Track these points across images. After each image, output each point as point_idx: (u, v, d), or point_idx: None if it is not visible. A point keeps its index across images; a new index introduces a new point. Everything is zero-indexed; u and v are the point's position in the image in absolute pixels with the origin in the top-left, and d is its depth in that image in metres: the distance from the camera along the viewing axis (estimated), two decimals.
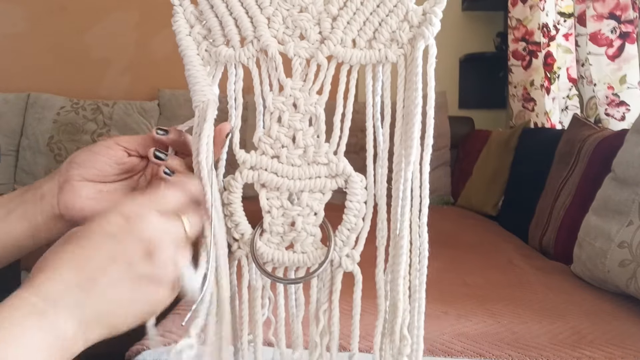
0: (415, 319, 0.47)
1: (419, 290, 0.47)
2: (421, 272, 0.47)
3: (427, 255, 0.47)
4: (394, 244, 0.48)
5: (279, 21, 0.48)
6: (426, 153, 0.46)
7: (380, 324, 0.48)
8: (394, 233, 0.48)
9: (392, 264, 0.48)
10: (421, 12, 0.47)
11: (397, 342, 0.47)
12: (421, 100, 0.45)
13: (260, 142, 0.49)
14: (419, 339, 0.47)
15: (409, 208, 0.47)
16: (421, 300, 0.47)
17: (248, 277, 0.50)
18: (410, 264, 0.47)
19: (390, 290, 0.48)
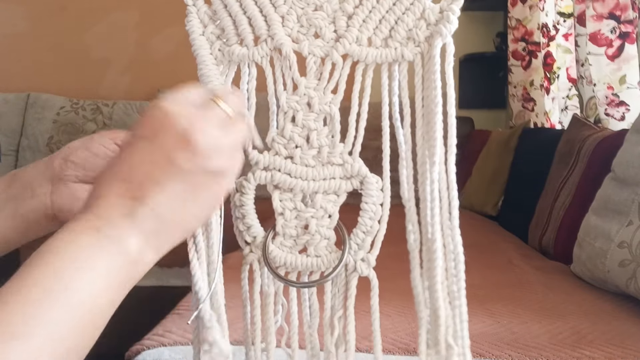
0: (458, 327, 0.45)
1: (458, 297, 0.45)
2: (458, 277, 0.45)
3: (463, 259, 0.45)
4: (427, 248, 0.46)
5: (293, 20, 0.47)
6: (450, 153, 0.44)
7: (424, 332, 0.46)
8: (425, 237, 0.46)
9: (427, 269, 0.46)
10: (438, 10, 0.46)
11: (443, 352, 0.45)
12: (441, 99, 0.44)
13: (274, 142, 0.48)
14: (465, 348, 0.45)
15: (439, 210, 0.45)
16: (462, 306, 0.45)
17: (260, 282, 0.49)
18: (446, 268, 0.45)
19: (430, 297, 0.46)
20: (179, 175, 0.37)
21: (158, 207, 0.37)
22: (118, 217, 0.36)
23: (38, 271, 0.33)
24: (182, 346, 0.77)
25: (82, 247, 0.34)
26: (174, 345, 0.77)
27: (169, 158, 0.37)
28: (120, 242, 0.36)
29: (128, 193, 0.37)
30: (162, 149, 0.37)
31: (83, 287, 0.33)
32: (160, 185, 0.37)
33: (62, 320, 0.32)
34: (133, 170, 0.37)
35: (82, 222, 0.36)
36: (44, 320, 0.31)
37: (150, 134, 0.37)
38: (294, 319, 0.49)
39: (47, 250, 0.34)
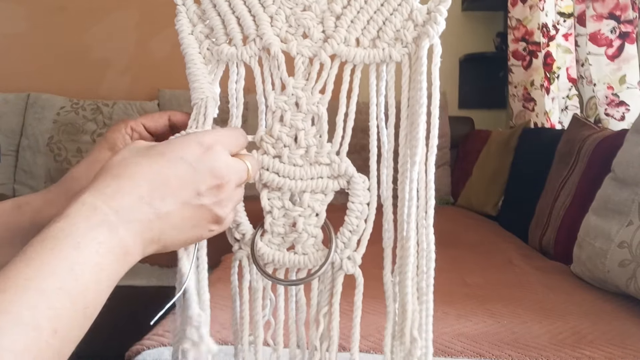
0: (424, 321, 0.47)
1: (426, 293, 0.47)
2: (428, 274, 0.46)
3: (434, 257, 0.46)
4: (401, 245, 0.47)
5: (281, 19, 0.48)
6: (431, 153, 0.45)
7: (390, 325, 0.48)
8: (400, 234, 0.47)
9: (399, 265, 0.47)
10: (426, 11, 0.46)
11: (408, 344, 0.47)
12: (426, 100, 0.45)
13: (262, 141, 0.49)
14: (428, 342, 0.47)
15: (415, 209, 0.46)
16: (429, 302, 0.47)
17: (249, 278, 0.50)
18: (417, 265, 0.47)
19: (399, 292, 0.47)
20: (194, 207, 0.41)
21: (165, 223, 0.40)
22: (133, 221, 0.38)
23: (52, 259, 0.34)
24: None
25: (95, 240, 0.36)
26: None
27: (198, 190, 0.41)
28: (127, 244, 0.38)
29: (149, 199, 0.39)
30: (197, 180, 0.41)
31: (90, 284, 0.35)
32: (178, 207, 0.40)
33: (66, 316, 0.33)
34: (164, 183, 0.40)
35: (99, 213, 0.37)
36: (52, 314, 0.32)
37: (194, 163, 0.41)
38: (280, 314, 0.50)
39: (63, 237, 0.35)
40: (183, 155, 0.41)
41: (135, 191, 0.39)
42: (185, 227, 0.41)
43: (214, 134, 0.43)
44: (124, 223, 0.37)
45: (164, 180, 0.40)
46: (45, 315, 0.32)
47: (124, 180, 0.39)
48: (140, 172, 0.39)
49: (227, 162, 0.43)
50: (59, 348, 0.33)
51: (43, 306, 0.32)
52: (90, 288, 0.35)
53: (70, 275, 0.34)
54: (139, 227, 0.38)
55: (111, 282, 0.37)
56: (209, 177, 0.41)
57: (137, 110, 2.71)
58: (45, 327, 0.32)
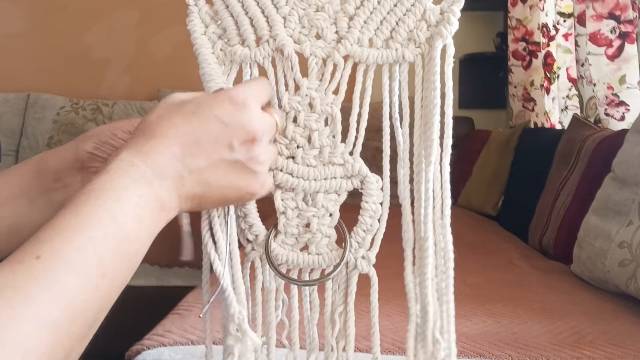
0: (445, 322, 0.46)
1: (446, 293, 0.46)
2: (447, 274, 0.46)
3: (453, 257, 0.46)
4: (419, 246, 0.47)
5: (295, 20, 0.48)
6: (445, 153, 0.45)
7: (413, 327, 0.47)
8: (418, 235, 0.47)
9: (419, 266, 0.47)
10: (439, 11, 0.46)
11: (430, 346, 0.46)
12: (440, 100, 0.45)
13: (276, 142, 0.49)
14: (451, 343, 0.46)
15: (432, 209, 0.46)
16: (449, 303, 0.46)
17: (262, 279, 0.50)
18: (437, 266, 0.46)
19: (419, 293, 0.47)
20: (229, 162, 0.42)
21: (199, 180, 0.41)
22: (167, 177, 0.40)
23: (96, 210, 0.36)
24: (182, 346, 0.77)
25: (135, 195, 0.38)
26: (174, 345, 0.77)
27: (231, 145, 0.42)
28: (163, 199, 0.40)
29: (183, 158, 0.41)
30: (229, 136, 0.42)
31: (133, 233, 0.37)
32: (212, 163, 0.42)
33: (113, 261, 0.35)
34: (197, 140, 0.41)
35: (136, 169, 0.39)
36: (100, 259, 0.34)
37: (226, 119, 0.42)
38: (295, 315, 0.50)
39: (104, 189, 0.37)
40: (216, 113, 0.42)
41: (168, 150, 0.40)
42: (220, 184, 0.42)
43: (245, 89, 0.44)
44: (159, 179, 0.39)
45: (196, 139, 0.41)
46: (92, 260, 0.34)
47: (158, 140, 0.40)
48: (174, 131, 0.41)
49: (260, 117, 0.43)
50: (108, 292, 0.35)
51: (91, 251, 0.34)
52: (131, 237, 0.37)
53: (114, 224, 0.36)
54: (173, 183, 0.40)
55: (150, 234, 0.39)
56: (242, 132, 0.42)
57: (137, 110, 2.71)
58: (94, 271, 0.34)
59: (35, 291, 0.30)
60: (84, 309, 0.33)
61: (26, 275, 0.31)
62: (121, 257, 0.36)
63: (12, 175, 0.52)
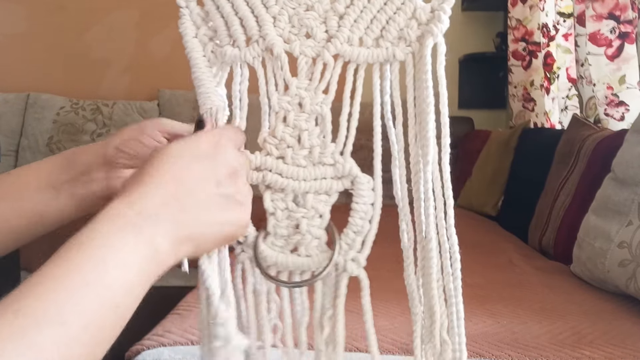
0: (455, 324, 0.46)
1: (455, 295, 0.46)
2: (455, 275, 0.45)
3: (459, 257, 0.45)
4: (422, 247, 0.46)
5: (284, 20, 0.47)
6: (444, 153, 0.45)
7: (418, 328, 0.47)
8: (420, 235, 0.46)
9: (421, 267, 0.46)
10: (429, 10, 0.45)
11: (439, 347, 0.46)
12: (433, 98, 0.44)
13: (265, 142, 0.48)
14: (462, 345, 0.46)
15: (433, 210, 0.45)
16: (458, 304, 0.46)
17: (253, 281, 0.49)
18: (442, 267, 0.46)
19: (424, 294, 0.46)
20: (219, 197, 0.42)
21: (194, 220, 0.41)
22: (159, 221, 0.39)
23: (78, 261, 0.35)
24: (182, 346, 0.77)
25: (121, 242, 0.36)
26: (174, 345, 0.78)
27: (218, 180, 0.42)
28: (155, 244, 0.38)
29: (173, 200, 0.40)
30: (215, 172, 0.42)
31: (118, 283, 0.35)
32: (203, 201, 0.41)
33: (94, 313, 0.34)
34: (183, 180, 0.41)
35: (122, 217, 0.38)
36: (79, 311, 0.33)
37: (208, 157, 0.42)
38: (286, 317, 0.50)
39: (88, 240, 0.36)
40: (198, 153, 0.42)
41: (158, 193, 0.40)
42: (216, 221, 0.42)
43: (220, 131, 0.45)
44: (151, 224, 0.38)
45: (184, 178, 0.41)
46: (72, 310, 0.32)
47: (146, 185, 0.40)
48: (161, 175, 0.41)
49: (236, 153, 0.45)
50: (91, 345, 0.33)
51: (70, 302, 0.33)
52: (117, 286, 0.35)
53: (95, 273, 0.34)
54: (167, 226, 0.39)
55: (143, 281, 0.37)
56: (224, 167, 0.43)
57: (137, 110, 2.71)
58: (74, 322, 0.32)
59: (9, 348, 0.29)
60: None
61: (3, 330, 0.30)
62: (105, 307, 0.34)
63: (43, 165, 0.53)
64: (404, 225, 0.47)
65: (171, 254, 0.39)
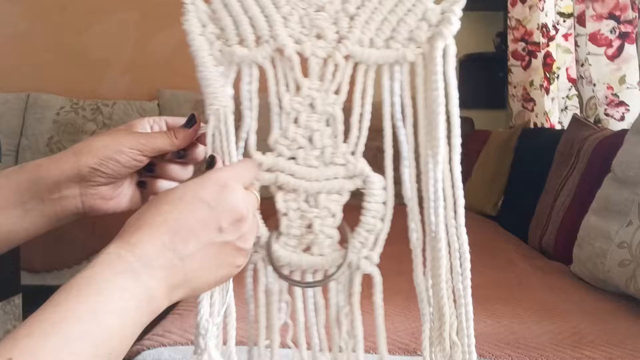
0: (464, 325, 0.46)
1: (464, 295, 0.46)
2: (464, 275, 0.46)
3: (469, 257, 0.46)
4: (431, 247, 0.46)
5: (295, 20, 0.47)
6: (455, 153, 0.45)
7: (427, 328, 0.47)
8: (429, 236, 0.46)
9: (431, 267, 0.47)
10: (440, 11, 0.46)
11: (448, 349, 0.46)
12: (444, 99, 0.44)
13: (277, 143, 0.48)
14: (471, 347, 0.46)
15: (443, 209, 0.46)
16: (468, 305, 0.46)
17: (265, 282, 0.49)
18: (451, 267, 0.46)
19: (433, 295, 0.47)
20: (219, 245, 0.42)
21: (190, 265, 0.41)
22: (157, 267, 0.39)
23: (76, 306, 0.34)
24: (182, 346, 0.77)
25: (119, 288, 0.36)
26: (174, 345, 0.77)
27: (220, 227, 0.42)
28: (151, 290, 0.38)
29: (172, 246, 0.40)
30: (217, 218, 0.42)
31: (115, 329, 0.35)
32: (201, 247, 0.41)
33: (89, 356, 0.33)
34: (185, 227, 0.41)
35: (123, 261, 0.38)
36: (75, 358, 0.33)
37: (213, 202, 0.42)
38: (299, 317, 0.50)
39: (87, 284, 0.36)
40: (202, 197, 0.42)
41: (157, 239, 0.39)
42: (211, 266, 0.42)
43: (228, 171, 0.45)
44: (148, 270, 0.38)
45: (184, 224, 0.41)
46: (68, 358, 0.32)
47: (146, 229, 0.40)
48: (162, 219, 0.40)
49: (244, 196, 0.44)
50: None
51: (66, 351, 0.32)
52: (113, 333, 0.35)
53: (94, 321, 0.34)
54: (163, 273, 0.39)
55: (136, 328, 0.37)
56: (229, 213, 0.42)
57: (137, 110, 2.71)
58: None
59: None
60: None
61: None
62: (99, 356, 0.34)
63: (8, 181, 0.50)
64: (413, 224, 0.47)
65: (165, 299, 0.39)
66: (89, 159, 0.49)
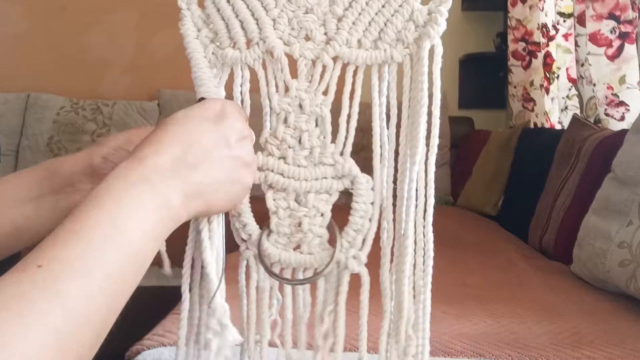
0: (420, 319, 0.47)
1: (423, 292, 0.47)
2: (426, 272, 0.47)
3: (432, 255, 0.47)
4: (399, 244, 0.47)
5: (284, 22, 0.48)
6: (431, 153, 0.46)
7: (386, 324, 0.48)
8: (398, 233, 0.47)
9: (396, 263, 0.48)
10: (426, 12, 0.46)
11: (402, 342, 0.47)
12: (427, 100, 0.45)
13: (267, 143, 0.49)
14: (425, 340, 0.47)
15: (414, 208, 0.47)
16: (426, 301, 0.47)
17: (256, 278, 0.50)
18: (415, 264, 0.47)
19: (395, 290, 0.48)
20: (230, 158, 0.43)
21: (204, 177, 0.42)
22: (170, 176, 0.40)
23: (95, 214, 0.36)
24: None
25: (135, 196, 0.38)
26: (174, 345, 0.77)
27: (228, 142, 0.43)
28: (168, 197, 0.39)
29: (183, 157, 0.41)
30: (224, 133, 0.43)
31: (135, 233, 0.37)
32: (212, 160, 0.42)
33: (115, 262, 0.35)
34: (195, 140, 0.42)
35: (136, 172, 0.39)
36: (101, 261, 0.34)
37: (218, 120, 0.44)
38: (287, 314, 0.50)
39: (103, 195, 0.37)
40: (206, 116, 0.43)
41: (169, 151, 0.41)
42: (225, 181, 0.43)
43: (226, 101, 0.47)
44: (161, 178, 0.39)
45: (195, 139, 0.42)
46: (95, 262, 0.34)
47: (157, 145, 0.41)
48: (170, 135, 0.42)
49: (243, 122, 0.46)
50: (114, 294, 0.35)
51: (92, 254, 0.34)
52: (135, 237, 0.36)
53: (113, 225, 0.36)
54: (178, 182, 0.40)
55: (158, 232, 0.38)
56: (234, 130, 0.44)
57: (137, 110, 2.71)
58: (97, 273, 0.34)
59: (38, 301, 0.30)
60: (87, 315, 0.33)
61: (29, 284, 0.31)
62: (125, 258, 0.36)
63: (23, 177, 0.52)
64: (385, 223, 0.48)
65: (183, 208, 0.40)
66: (100, 150, 0.51)
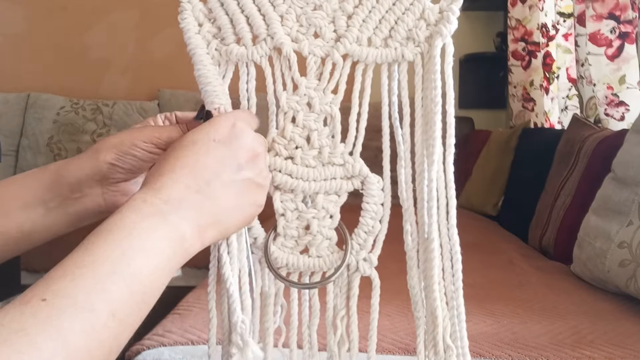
0: (457, 327, 0.45)
1: (456, 297, 0.45)
2: (456, 276, 0.45)
3: (460, 258, 0.45)
4: (424, 248, 0.46)
5: (292, 19, 0.47)
6: (449, 153, 0.45)
7: (422, 333, 0.46)
8: (422, 237, 0.46)
9: (424, 269, 0.46)
10: (438, 10, 0.46)
11: (442, 353, 0.45)
12: (441, 99, 0.44)
13: (274, 142, 0.48)
14: (465, 349, 0.45)
15: (436, 210, 0.45)
16: (460, 307, 0.45)
17: (260, 283, 0.49)
18: (443, 268, 0.45)
19: (426, 297, 0.46)
20: (240, 182, 0.43)
21: (218, 205, 0.41)
22: (184, 208, 0.39)
23: (106, 248, 0.35)
24: (182, 346, 0.77)
25: (148, 230, 0.37)
26: (174, 345, 0.77)
27: (239, 165, 0.43)
28: (182, 231, 0.39)
29: (195, 186, 0.40)
30: (235, 156, 0.42)
31: (146, 270, 0.36)
32: (225, 186, 0.42)
33: (122, 300, 0.34)
34: (205, 167, 0.41)
35: (149, 205, 0.38)
36: (108, 299, 0.33)
37: (227, 141, 0.43)
38: (293, 320, 0.49)
39: (117, 228, 0.36)
40: (214, 137, 0.42)
41: (180, 181, 0.40)
42: (238, 204, 0.43)
43: (235, 114, 0.45)
44: (175, 211, 0.39)
45: (203, 164, 0.41)
46: (100, 298, 0.33)
47: (167, 175, 0.40)
48: (180, 163, 0.41)
49: (254, 134, 0.44)
50: (118, 331, 0.34)
51: (98, 290, 0.33)
52: (144, 273, 0.36)
53: (123, 260, 0.35)
54: (191, 213, 0.40)
55: (169, 268, 0.38)
56: (244, 151, 0.43)
57: (137, 110, 2.71)
58: (102, 309, 0.33)
59: (39, 338, 0.30)
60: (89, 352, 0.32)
61: (32, 319, 0.30)
62: (133, 295, 0.35)
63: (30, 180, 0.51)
64: (408, 226, 0.47)
65: (197, 240, 0.40)
66: (107, 156, 0.50)
